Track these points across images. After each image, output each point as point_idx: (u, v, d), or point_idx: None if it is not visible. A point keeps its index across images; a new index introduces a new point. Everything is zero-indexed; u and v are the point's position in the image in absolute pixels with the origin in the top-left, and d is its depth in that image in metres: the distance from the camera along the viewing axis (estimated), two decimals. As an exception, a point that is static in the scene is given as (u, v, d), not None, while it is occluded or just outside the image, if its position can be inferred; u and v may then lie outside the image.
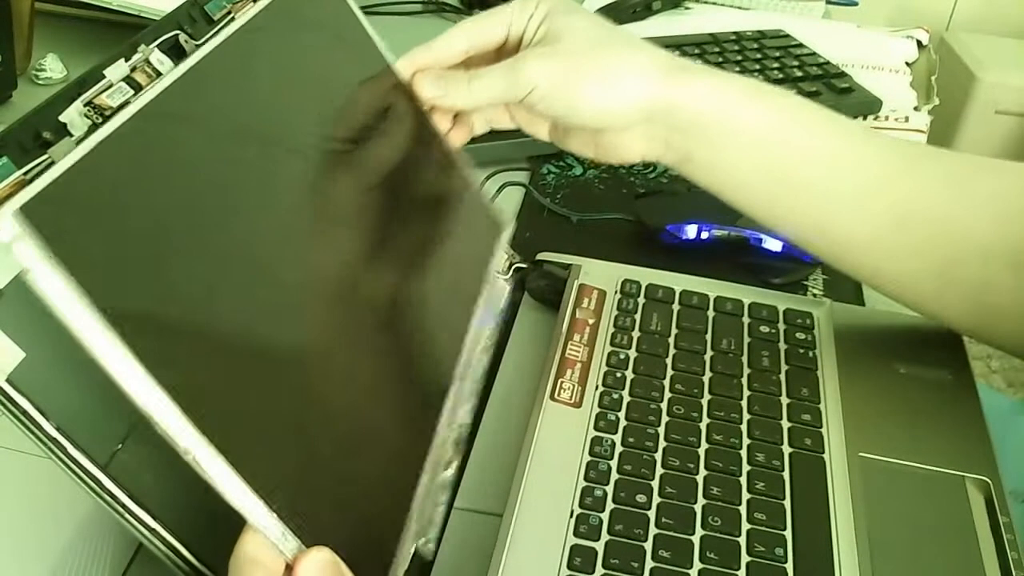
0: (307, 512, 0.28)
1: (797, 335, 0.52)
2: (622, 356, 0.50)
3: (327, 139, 0.39)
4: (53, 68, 0.77)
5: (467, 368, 0.43)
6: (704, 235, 0.61)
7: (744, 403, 0.47)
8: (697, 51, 0.84)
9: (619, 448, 0.45)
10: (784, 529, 0.41)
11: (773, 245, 0.60)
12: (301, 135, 0.37)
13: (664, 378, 0.49)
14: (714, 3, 1.01)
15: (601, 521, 0.41)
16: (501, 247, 0.50)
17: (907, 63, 0.88)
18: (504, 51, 0.47)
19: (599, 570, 0.39)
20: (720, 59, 0.83)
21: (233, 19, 0.45)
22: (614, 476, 0.43)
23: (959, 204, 0.44)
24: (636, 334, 0.51)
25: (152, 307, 0.25)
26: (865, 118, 0.78)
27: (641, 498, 0.42)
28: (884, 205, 0.45)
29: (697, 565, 0.40)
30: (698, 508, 0.42)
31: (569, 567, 0.40)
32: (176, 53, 0.41)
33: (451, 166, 0.47)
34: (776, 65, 0.82)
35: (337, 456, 0.32)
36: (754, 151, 0.45)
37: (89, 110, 0.36)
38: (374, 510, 0.33)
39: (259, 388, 0.29)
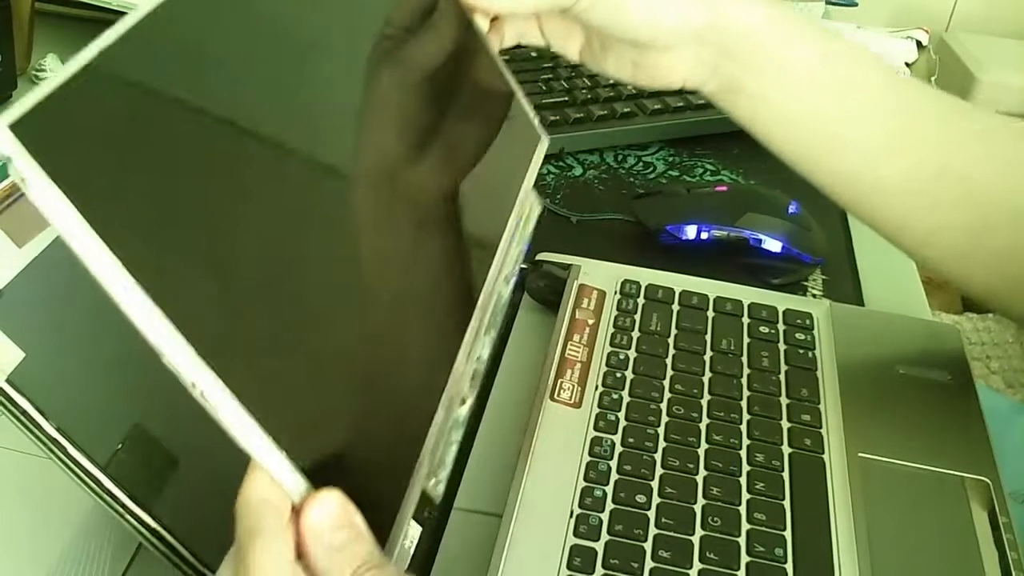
0: (316, 450, 0.27)
1: (797, 335, 0.52)
2: (622, 356, 0.50)
3: (365, 33, 0.36)
4: (53, 68, 0.77)
5: (492, 293, 0.40)
6: (704, 235, 0.61)
7: (744, 403, 0.47)
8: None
9: (619, 448, 0.45)
10: (784, 529, 0.41)
11: (773, 245, 0.60)
12: (333, 30, 0.35)
13: (664, 378, 0.49)
14: (714, 3, 1.01)
15: (601, 521, 0.41)
16: (539, 158, 0.47)
17: (907, 63, 0.89)
18: None
19: (599, 570, 0.39)
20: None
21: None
22: (614, 476, 0.43)
23: (995, 165, 0.44)
24: (636, 334, 0.51)
25: (156, 226, 0.24)
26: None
27: (641, 498, 0.42)
28: (921, 156, 0.44)
29: (697, 565, 0.40)
30: (698, 508, 0.42)
31: (569, 567, 0.40)
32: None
33: (493, 70, 0.44)
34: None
35: (350, 389, 0.30)
36: (803, 87, 0.44)
37: (89, 110, 0.36)
38: (386, 448, 0.31)
39: (270, 315, 0.27)
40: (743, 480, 0.43)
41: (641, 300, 0.54)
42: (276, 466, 0.25)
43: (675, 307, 0.53)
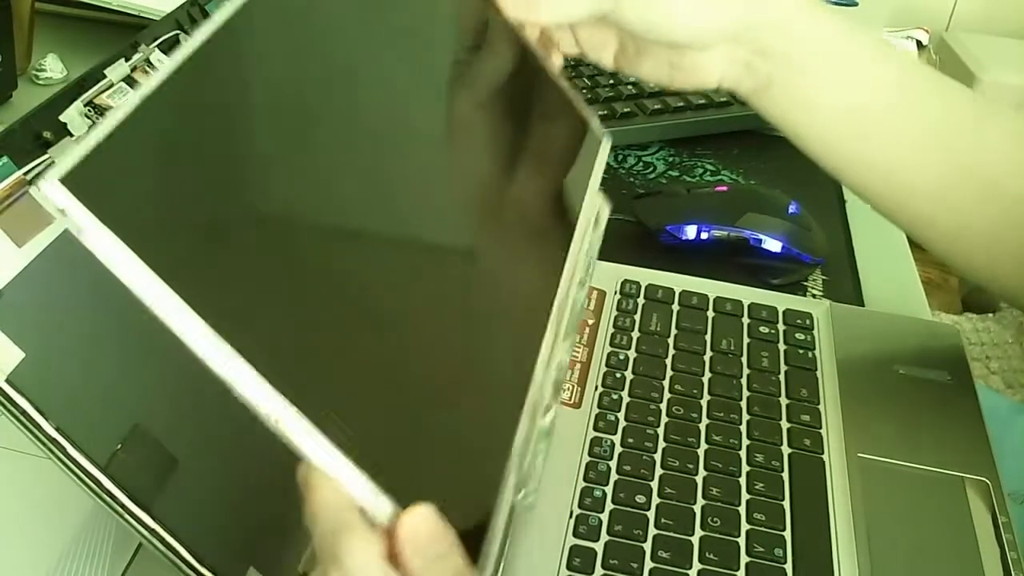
0: (401, 470, 0.26)
1: (796, 336, 0.52)
2: (622, 357, 0.50)
3: (418, 58, 0.36)
4: (53, 68, 0.77)
5: (567, 298, 0.40)
6: (704, 235, 0.61)
7: (743, 404, 0.47)
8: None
9: (619, 449, 0.45)
10: (783, 530, 0.41)
11: (773, 245, 0.60)
12: (382, 58, 0.35)
13: (664, 379, 0.49)
14: (714, 3, 1.01)
15: (600, 521, 0.41)
16: (603, 159, 0.46)
17: (907, 63, 0.88)
18: None
19: (598, 570, 0.39)
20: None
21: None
22: (613, 476, 0.43)
23: (1019, 164, 0.44)
24: (636, 335, 0.51)
25: (217, 262, 0.24)
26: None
27: (640, 498, 0.42)
28: (950, 155, 0.44)
29: (696, 566, 0.40)
30: (697, 509, 0.42)
31: (568, 567, 0.40)
32: (176, 53, 0.41)
33: (550, 78, 0.44)
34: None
35: (431, 405, 0.29)
36: (838, 84, 0.44)
37: (89, 110, 0.36)
38: (471, 462, 0.30)
39: (339, 336, 0.27)
40: (743, 480, 0.43)
41: (641, 300, 0.54)
42: (356, 486, 0.25)
43: (675, 307, 0.53)
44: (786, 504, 0.43)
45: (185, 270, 0.23)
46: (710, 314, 0.53)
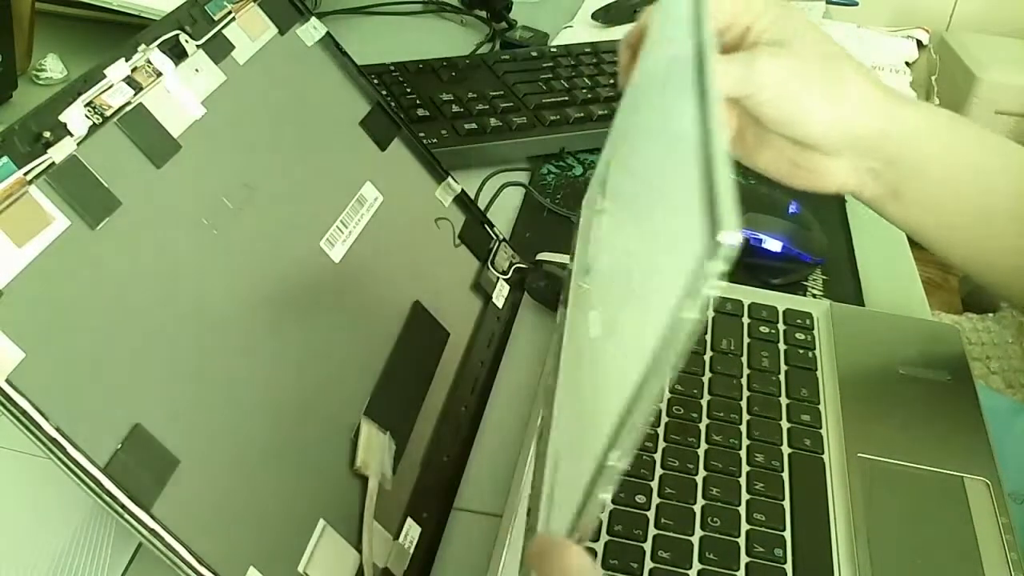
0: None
1: (797, 335, 0.52)
2: (622, 356, 0.50)
3: None
4: (53, 68, 0.77)
5: None
6: (704, 235, 0.61)
7: (744, 404, 0.47)
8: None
9: (619, 448, 0.45)
10: (783, 530, 0.41)
11: (773, 245, 0.60)
12: None
13: (664, 378, 0.49)
14: (714, 3, 1.01)
15: (600, 521, 0.41)
16: None
17: (907, 63, 0.89)
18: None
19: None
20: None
21: (234, 19, 0.45)
22: (613, 476, 0.43)
23: None
24: (636, 334, 0.51)
25: None
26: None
27: (640, 498, 0.42)
28: None
29: (696, 565, 0.40)
30: (697, 508, 0.42)
31: (568, 567, 0.39)
32: (176, 53, 0.41)
33: None
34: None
35: None
36: (967, 190, 0.45)
37: (89, 110, 0.36)
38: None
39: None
40: (743, 480, 0.43)
41: (641, 300, 0.54)
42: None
43: (675, 307, 0.53)
44: (786, 504, 0.43)
45: None
46: (710, 314, 0.53)
